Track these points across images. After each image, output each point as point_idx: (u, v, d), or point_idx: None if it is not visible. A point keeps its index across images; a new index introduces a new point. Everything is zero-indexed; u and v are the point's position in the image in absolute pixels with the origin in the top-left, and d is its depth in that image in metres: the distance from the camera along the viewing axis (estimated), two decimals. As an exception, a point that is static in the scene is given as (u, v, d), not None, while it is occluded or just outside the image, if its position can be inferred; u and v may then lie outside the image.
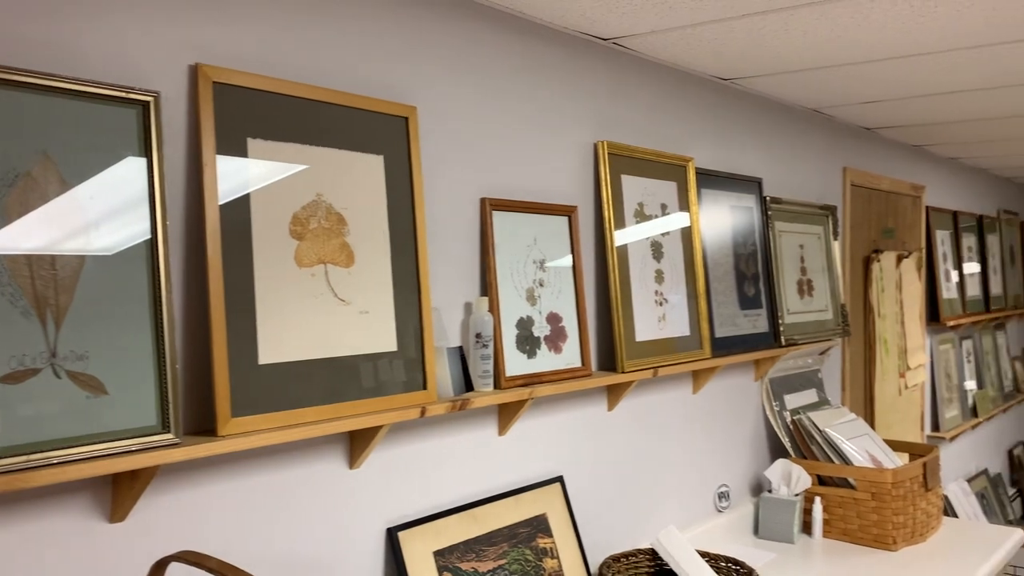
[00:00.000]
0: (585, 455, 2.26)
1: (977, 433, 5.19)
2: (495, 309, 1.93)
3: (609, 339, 2.28)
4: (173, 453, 1.29)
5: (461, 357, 1.86)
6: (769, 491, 2.84)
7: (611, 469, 2.35)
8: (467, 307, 1.93)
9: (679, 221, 2.51)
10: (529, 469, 2.10)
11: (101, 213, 1.27)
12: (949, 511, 4.38)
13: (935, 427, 4.57)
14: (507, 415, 2.00)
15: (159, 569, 1.23)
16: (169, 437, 1.30)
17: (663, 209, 2.46)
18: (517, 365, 1.96)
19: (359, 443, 1.67)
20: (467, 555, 1.85)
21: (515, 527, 1.98)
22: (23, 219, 1.19)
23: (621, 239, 2.29)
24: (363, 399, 1.61)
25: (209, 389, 1.43)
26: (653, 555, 2.30)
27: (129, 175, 1.31)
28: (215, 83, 1.44)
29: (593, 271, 2.27)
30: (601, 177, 2.27)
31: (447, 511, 1.86)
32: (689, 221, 2.55)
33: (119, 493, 1.32)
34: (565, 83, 2.21)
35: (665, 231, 2.45)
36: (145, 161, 1.32)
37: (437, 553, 1.80)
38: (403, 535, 1.75)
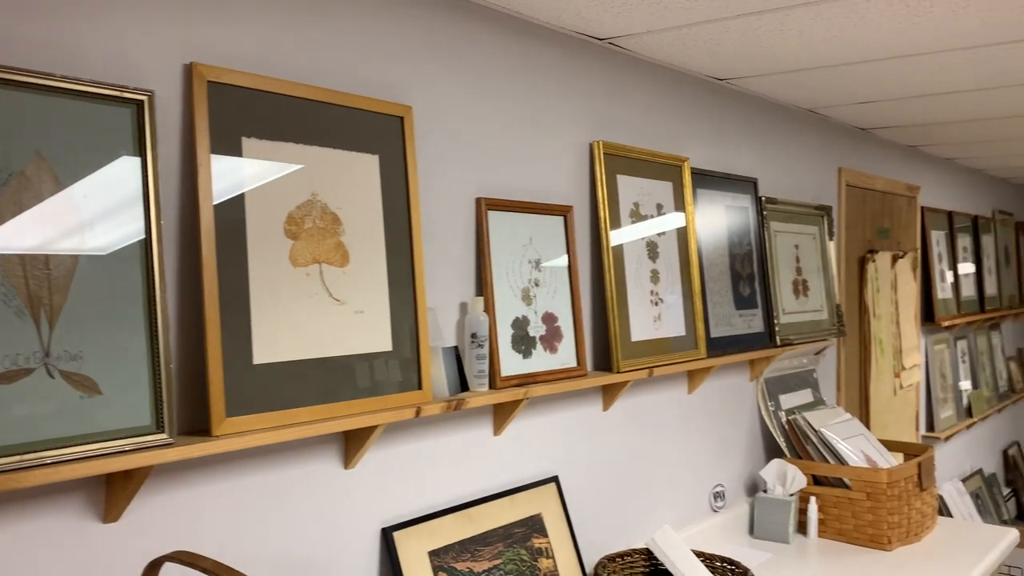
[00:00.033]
0: (580, 455, 2.26)
1: (972, 433, 5.20)
2: (490, 309, 1.93)
3: (604, 339, 2.28)
4: (167, 453, 1.29)
5: (456, 357, 1.85)
6: (764, 491, 2.84)
7: (606, 469, 2.35)
8: (463, 307, 1.93)
9: (675, 221, 2.51)
10: (524, 469, 2.10)
11: (95, 212, 1.27)
12: (944, 511, 4.39)
13: (930, 427, 4.58)
14: (502, 415, 1.99)
15: (153, 569, 1.23)
16: (163, 437, 1.30)
17: (659, 209, 2.46)
18: (512, 365, 1.96)
19: (354, 443, 1.67)
20: (462, 555, 1.85)
21: (510, 527, 1.98)
22: (17, 219, 1.19)
23: (617, 239, 2.29)
24: (358, 399, 1.61)
25: (203, 389, 1.43)
26: (648, 555, 2.30)
27: (123, 174, 1.30)
28: (210, 82, 1.43)
29: (589, 271, 2.27)
30: (597, 177, 2.27)
31: (442, 511, 1.86)
32: (685, 221, 2.55)
33: (113, 493, 1.32)
34: (561, 83, 2.21)
35: (661, 231, 2.46)
36: (139, 160, 1.32)
37: (432, 553, 1.80)
38: (398, 535, 1.75)
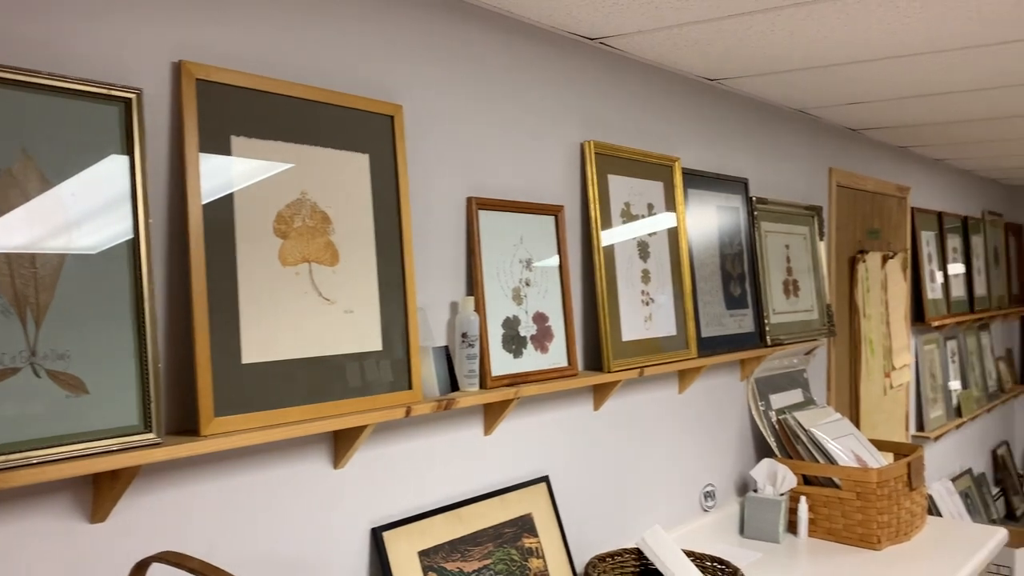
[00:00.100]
0: (571, 455, 2.26)
1: (961, 433, 5.22)
2: (481, 308, 1.92)
3: (595, 339, 2.28)
4: (155, 453, 1.28)
5: (447, 357, 1.85)
6: (755, 491, 2.85)
7: (597, 469, 2.35)
8: (453, 306, 1.93)
9: (665, 221, 2.51)
10: (515, 469, 2.10)
11: (83, 211, 1.26)
12: (933, 510, 4.41)
13: (920, 427, 4.59)
14: (493, 415, 1.99)
15: (140, 570, 1.22)
16: (151, 437, 1.29)
17: (650, 209, 2.46)
18: (503, 365, 1.96)
19: (344, 443, 1.66)
20: (452, 555, 1.85)
21: (500, 527, 1.97)
22: (2, 217, 1.18)
23: (608, 239, 2.29)
24: (348, 399, 1.60)
25: (192, 388, 1.42)
26: (639, 555, 2.30)
27: (111, 173, 1.30)
28: (198, 80, 1.43)
29: (579, 271, 2.27)
30: (588, 177, 2.27)
31: (432, 511, 1.85)
32: (675, 221, 2.55)
33: (100, 493, 1.31)
34: (552, 83, 2.20)
35: (652, 231, 2.46)
36: (127, 159, 1.31)
37: (422, 553, 1.79)
38: (388, 535, 1.75)
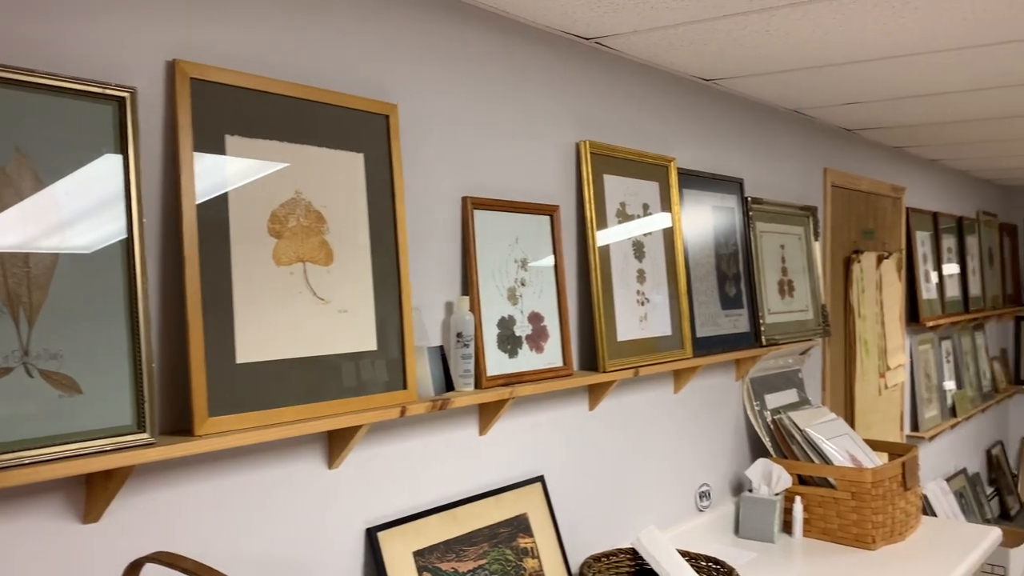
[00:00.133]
0: (566, 455, 2.26)
1: (956, 433, 5.23)
2: (476, 308, 1.92)
3: (591, 339, 2.28)
4: (148, 453, 1.27)
5: (442, 356, 1.85)
6: (750, 490, 2.85)
7: (592, 469, 2.35)
8: (448, 306, 1.92)
9: (661, 221, 2.51)
10: (510, 469, 2.09)
11: (76, 210, 1.25)
12: (928, 510, 4.41)
13: (914, 427, 4.60)
14: (488, 415, 1.99)
15: (134, 570, 1.22)
16: (144, 437, 1.29)
17: (645, 209, 2.46)
18: (498, 365, 1.96)
19: (338, 443, 1.66)
20: (447, 555, 1.85)
21: (496, 527, 1.97)
22: (-5, 216, 1.18)
23: (603, 239, 2.29)
24: (342, 399, 1.60)
25: (186, 388, 1.42)
26: (634, 555, 2.30)
27: (105, 172, 1.29)
28: (193, 79, 1.42)
29: (575, 271, 2.27)
30: (583, 177, 2.27)
31: (427, 511, 1.85)
32: (671, 221, 2.55)
33: (93, 493, 1.31)
34: (548, 82, 2.20)
35: (647, 231, 2.46)
36: (121, 158, 1.31)
37: (417, 553, 1.79)
38: (382, 535, 1.74)
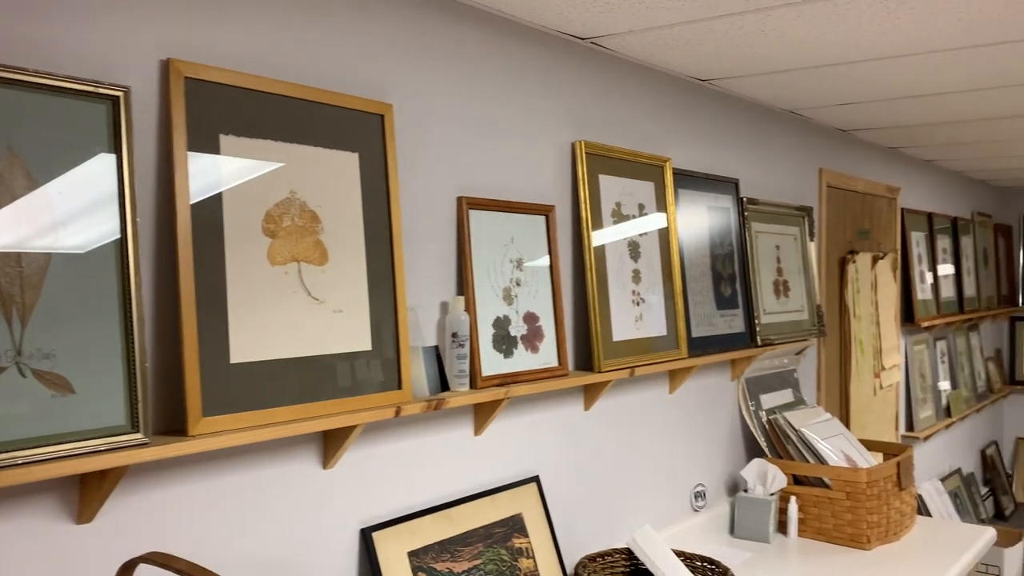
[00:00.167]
0: (561, 455, 2.26)
1: (951, 433, 5.25)
2: (471, 308, 1.92)
3: (586, 339, 2.28)
4: (142, 453, 1.27)
5: (437, 356, 1.85)
6: (745, 490, 2.85)
7: (587, 469, 2.35)
8: (443, 306, 1.92)
9: (656, 221, 2.51)
10: (505, 469, 2.09)
11: (69, 210, 1.25)
12: (923, 510, 4.42)
13: (909, 427, 4.61)
14: (483, 415, 1.99)
15: (127, 571, 1.21)
16: (138, 437, 1.28)
17: (640, 209, 2.46)
18: (493, 365, 1.95)
19: (333, 443, 1.66)
20: (442, 555, 1.85)
21: (491, 527, 1.97)
22: (-12, 215, 1.17)
23: (598, 239, 2.29)
24: (337, 399, 1.59)
25: (180, 388, 1.41)
26: (629, 555, 2.30)
27: (99, 172, 1.29)
28: (187, 78, 1.42)
29: (570, 271, 2.27)
30: (579, 177, 2.26)
31: (422, 511, 1.85)
32: (666, 221, 2.55)
33: (87, 493, 1.30)
34: (543, 82, 2.20)
35: (643, 231, 2.46)
36: (115, 158, 1.31)
37: (412, 553, 1.79)
38: (377, 535, 1.74)
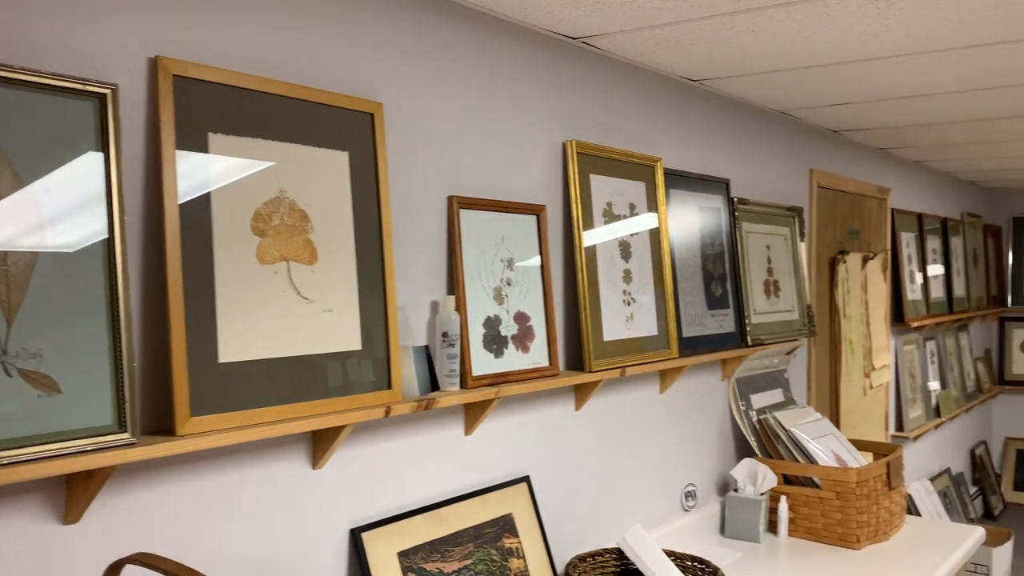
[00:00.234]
0: (552, 455, 2.26)
1: (940, 433, 5.27)
2: (462, 308, 1.92)
3: (577, 338, 2.28)
4: (129, 453, 1.26)
5: (427, 356, 1.84)
6: (735, 490, 2.86)
7: (578, 469, 2.35)
8: (434, 306, 1.92)
9: (647, 221, 2.52)
10: (495, 469, 2.09)
11: (56, 209, 1.24)
12: (912, 510, 4.44)
13: (899, 427, 4.62)
14: (473, 415, 1.98)
15: (114, 571, 1.21)
16: (125, 437, 1.28)
17: (631, 209, 2.46)
18: (484, 364, 1.95)
19: (322, 443, 1.65)
20: (432, 555, 1.84)
21: (481, 527, 1.97)
22: (-26, 213, 1.16)
23: (589, 239, 2.28)
24: (326, 398, 1.59)
25: (167, 388, 1.41)
26: (619, 555, 2.30)
27: (86, 170, 1.28)
28: (175, 76, 1.41)
29: (561, 270, 2.27)
30: (570, 176, 2.26)
31: (412, 511, 1.84)
32: (657, 221, 2.55)
33: (73, 494, 1.29)
34: (534, 82, 2.20)
35: (634, 231, 2.46)
36: (102, 156, 1.30)
37: (401, 554, 1.78)
38: (367, 536, 1.73)
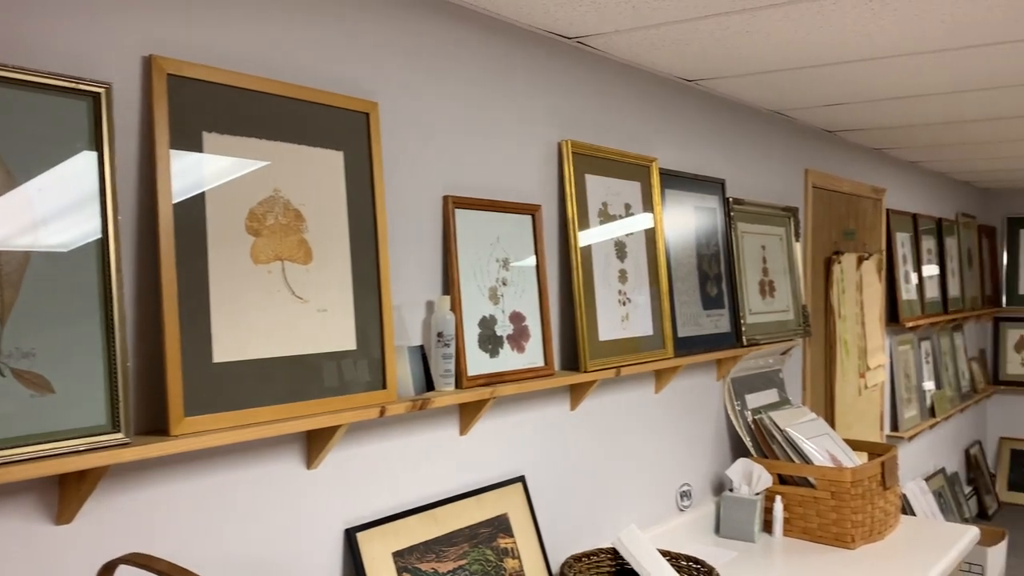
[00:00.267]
0: (547, 455, 2.26)
1: (935, 433, 5.28)
2: (457, 308, 1.91)
3: (572, 338, 2.28)
4: (123, 453, 1.26)
5: (422, 356, 1.84)
6: (730, 490, 2.86)
7: (573, 468, 2.34)
8: (429, 305, 1.91)
9: (643, 221, 2.52)
10: (491, 469, 2.09)
11: (50, 208, 1.24)
12: (907, 509, 4.45)
13: (894, 427, 4.63)
14: (469, 415, 1.98)
15: (107, 572, 1.20)
16: (119, 437, 1.27)
17: (627, 209, 2.46)
18: (479, 364, 1.95)
19: (317, 443, 1.65)
20: (427, 556, 1.84)
21: (476, 527, 1.97)
22: (-34, 212, 1.16)
23: (585, 239, 2.28)
24: (321, 398, 1.59)
25: (161, 388, 1.40)
26: (615, 554, 2.30)
27: (80, 170, 1.27)
28: (169, 75, 1.41)
29: (557, 270, 2.27)
30: (565, 176, 2.26)
31: (407, 511, 1.84)
32: (653, 221, 2.55)
33: (66, 494, 1.29)
34: (530, 82, 2.20)
35: (629, 231, 2.46)
36: (96, 155, 1.29)
37: (396, 554, 1.78)
38: (362, 536, 1.73)
